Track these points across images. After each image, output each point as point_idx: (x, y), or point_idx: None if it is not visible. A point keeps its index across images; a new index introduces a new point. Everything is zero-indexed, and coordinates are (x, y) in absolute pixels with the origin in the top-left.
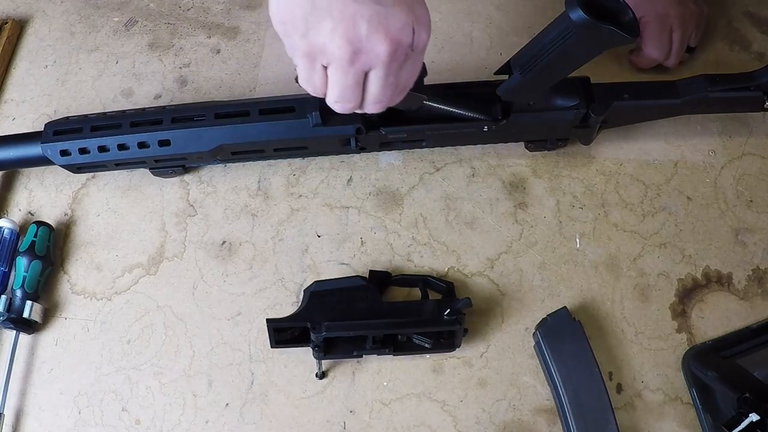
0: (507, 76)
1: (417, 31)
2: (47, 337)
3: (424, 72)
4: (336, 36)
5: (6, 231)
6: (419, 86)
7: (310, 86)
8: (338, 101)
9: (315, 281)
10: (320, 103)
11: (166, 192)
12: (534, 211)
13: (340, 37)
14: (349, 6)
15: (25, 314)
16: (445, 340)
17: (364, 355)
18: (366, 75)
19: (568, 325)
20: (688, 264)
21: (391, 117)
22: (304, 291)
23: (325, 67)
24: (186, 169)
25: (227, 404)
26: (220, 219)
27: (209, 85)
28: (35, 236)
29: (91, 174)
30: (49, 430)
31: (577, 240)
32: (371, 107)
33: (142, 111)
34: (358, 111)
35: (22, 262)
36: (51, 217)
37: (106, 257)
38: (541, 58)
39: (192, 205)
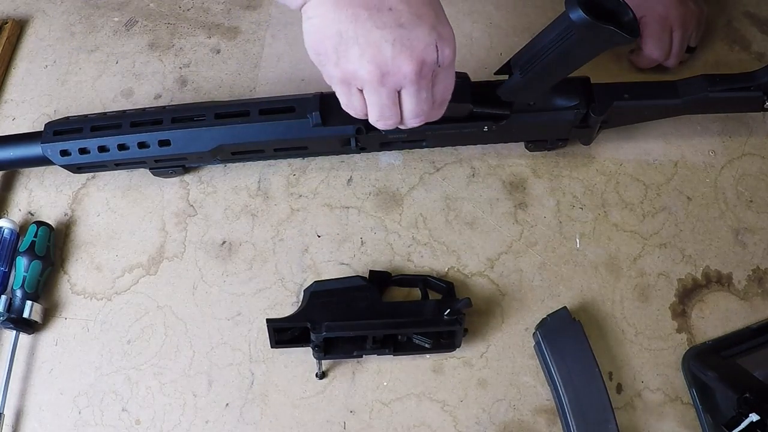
0: (507, 76)
1: (440, 48)
2: (47, 337)
3: (467, 80)
4: (364, 61)
5: (6, 231)
6: (465, 96)
7: (351, 110)
8: (379, 120)
9: (315, 281)
10: (320, 103)
11: (166, 192)
12: (534, 211)
13: (368, 62)
14: (373, 32)
15: (25, 314)
16: (445, 340)
17: (364, 355)
18: (400, 94)
19: (568, 325)
20: (688, 264)
21: None
22: (304, 291)
23: (361, 91)
24: (186, 169)
25: (227, 404)
26: (220, 219)
27: (209, 85)
28: (35, 236)
29: (91, 174)
30: (49, 430)
31: (577, 240)
32: (411, 122)
33: (142, 111)
34: (402, 127)
35: (22, 262)
36: (51, 217)
37: (106, 257)
38: (541, 58)
39: (192, 205)
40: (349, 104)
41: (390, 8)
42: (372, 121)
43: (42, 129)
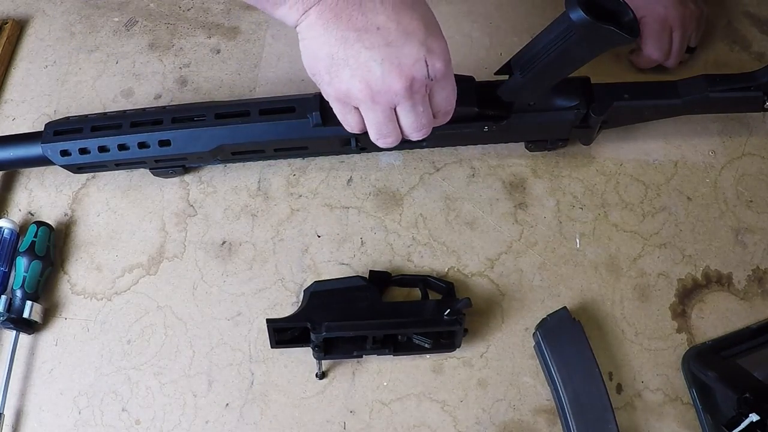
0: (507, 76)
1: (431, 62)
2: (47, 337)
3: (473, 83)
4: (355, 81)
5: (6, 231)
6: (471, 100)
7: (348, 126)
8: (379, 137)
9: (315, 281)
10: (320, 103)
11: (166, 192)
12: (534, 211)
13: (359, 82)
14: (362, 53)
15: (25, 314)
16: (445, 340)
17: (364, 355)
18: (396, 110)
19: (568, 325)
20: (688, 264)
21: None
22: (304, 291)
23: (358, 108)
24: (186, 169)
25: (227, 404)
26: (220, 219)
27: (209, 85)
28: (35, 236)
29: (91, 174)
30: (49, 430)
31: (577, 240)
32: (414, 135)
33: (143, 111)
34: (409, 139)
35: (22, 262)
36: (51, 217)
37: (106, 257)
38: (541, 58)
39: (192, 205)
40: (345, 120)
41: (378, 27)
42: (373, 139)
43: (42, 129)
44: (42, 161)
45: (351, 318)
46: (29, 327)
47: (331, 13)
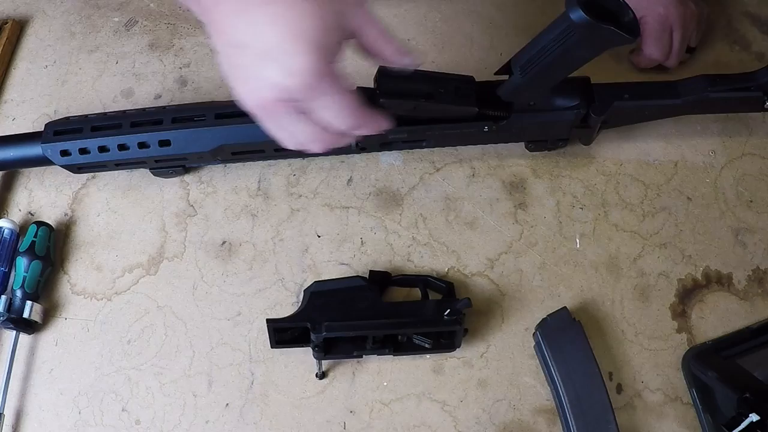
0: (507, 76)
1: (287, 83)
2: (47, 337)
3: (472, 83)
4: (240, 91)
5: (6, 231)
6: (470, 100)
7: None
8: (288, 145)
9: (315, 281)
10: None
11: (166, 192)
12: (534, 211)
13: (241, 92)
14: (233, 70)
15: (25, 314)
16: (445, 340)
17: (364, 355)
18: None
19: (568, 325)
20: (688, 264)
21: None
22: (304, 291)
23: None
24: (186, 169)
25: (227, 404)
26: (220, 219)
27: (209, 85)
28: (35, 236)
29: (91, 174)
30: (49, 430)
31: (577, 240)
32: (312, 147)
33: (143, 111)
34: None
35: (22, 262)
36: (51, 217)
37: (106, 257)
38: (541, 58)
39: (192, 205)
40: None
41: (238, 46)
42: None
43: (42, 129)
44: (42, 161)
45: (351, 318)
46: (29, 327)
47: (210, 24)
